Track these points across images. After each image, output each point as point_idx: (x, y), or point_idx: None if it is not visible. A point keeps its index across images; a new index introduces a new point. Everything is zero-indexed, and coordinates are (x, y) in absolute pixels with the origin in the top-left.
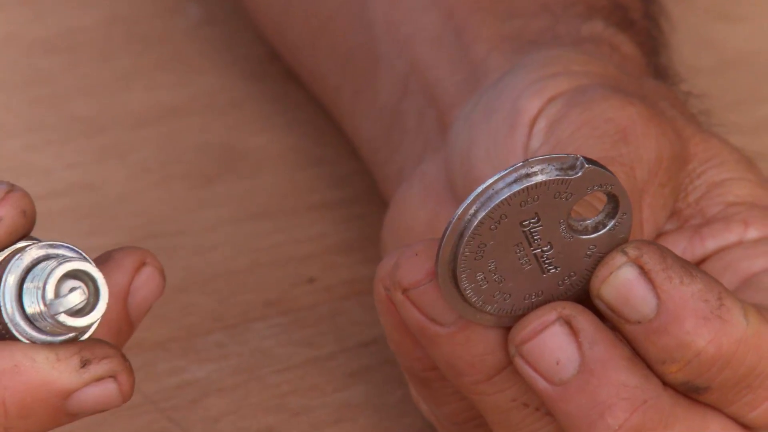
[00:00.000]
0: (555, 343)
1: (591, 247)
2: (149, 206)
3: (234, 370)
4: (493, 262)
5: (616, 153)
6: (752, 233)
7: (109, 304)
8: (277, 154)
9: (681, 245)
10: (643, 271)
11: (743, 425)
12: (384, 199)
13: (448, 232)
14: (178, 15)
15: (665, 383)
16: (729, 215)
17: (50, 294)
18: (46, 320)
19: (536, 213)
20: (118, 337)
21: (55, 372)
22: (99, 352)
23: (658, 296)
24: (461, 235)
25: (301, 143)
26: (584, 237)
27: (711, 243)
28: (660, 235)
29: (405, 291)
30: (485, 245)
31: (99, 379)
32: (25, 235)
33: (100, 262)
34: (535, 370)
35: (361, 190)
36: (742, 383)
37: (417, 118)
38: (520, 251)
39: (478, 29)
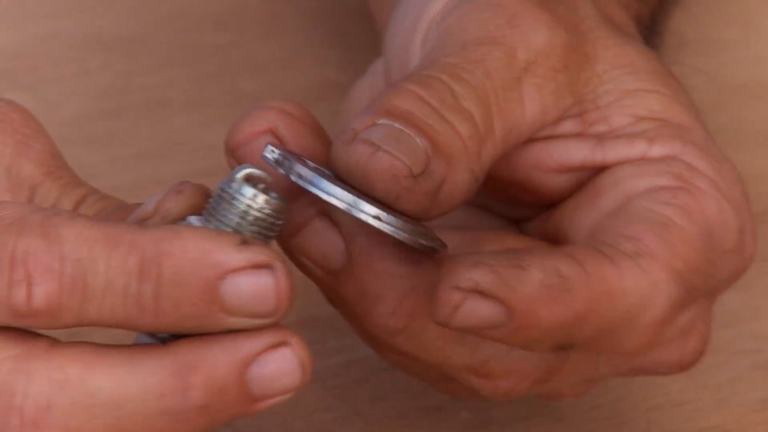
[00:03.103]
0: (318, 238)
1: None
2: None
3: None
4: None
5: (500, 34)
6: (656, 150)
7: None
8: None
9: (582, 154)
10: (484, 294)
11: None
12: None
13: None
14: None
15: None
16: (635, 131)
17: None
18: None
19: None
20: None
21: (214, 242)
22: (259, 242)
23: (507, 305)
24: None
25: None
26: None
27: (612, 155)
28: (561, 121)
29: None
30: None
31: (256, 264)
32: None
33: None
34: (309, 259)
35: None
36: (604, 331)
37: None
38: None
39: None
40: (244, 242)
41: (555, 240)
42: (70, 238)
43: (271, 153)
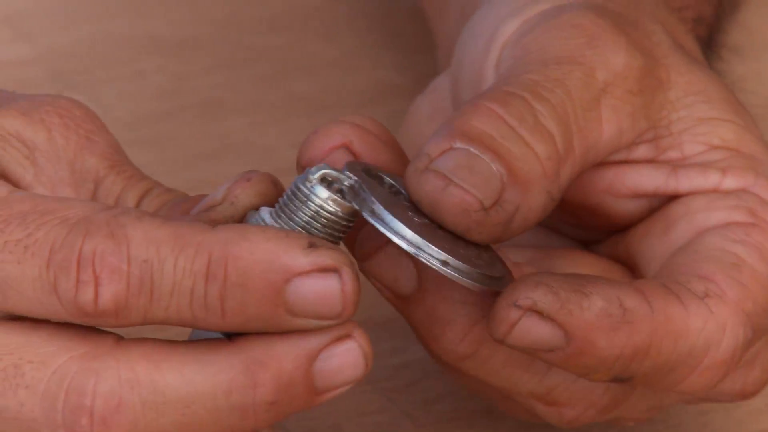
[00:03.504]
0: (390, 263)
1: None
2: None
3: None
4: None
5: (579, 54)
6: (729, 182)
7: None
8: None
9: (656, 182)
10: (542, 315)
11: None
12: None
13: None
14: None
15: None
16: (709, 160)
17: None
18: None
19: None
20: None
21: (281, 244)
22: (327, 245)
23: (564, 329)
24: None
25: None
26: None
27: (686, 185)
28: (635, 146)
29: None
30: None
31: (322, 268)
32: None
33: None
34: (380, 283)
35: None
36: (664, 368)
37: None
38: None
39: None
40: (312, 245)
41: (624, 264)
42: (137, 238)
43: (348, 179)
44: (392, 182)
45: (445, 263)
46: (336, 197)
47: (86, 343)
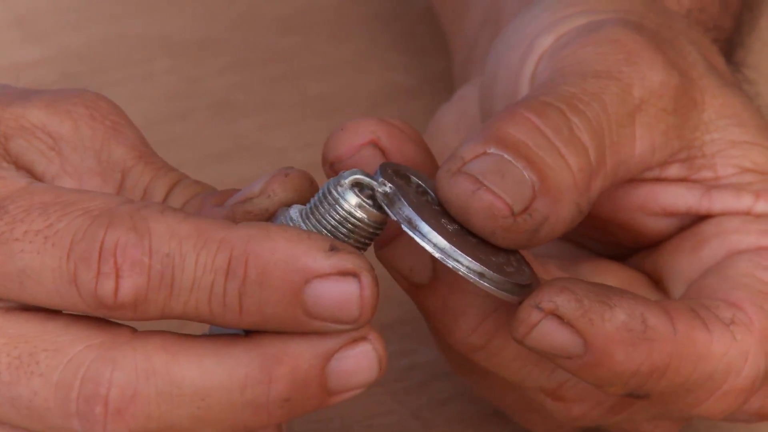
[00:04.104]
0: (406, 252)
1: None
2: None
3: None
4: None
5: (616, 70)
6: (761, 206)
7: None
8: None
9: (689, 201)
10: (563, 320)
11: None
12: None
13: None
14: None
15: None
16: (741, 183)
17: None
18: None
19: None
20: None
21: (302, 245)
22: (349, 249)
23: (583, 338)
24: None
25: None
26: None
27: (719, 205)
28: (668, 165)
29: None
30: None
31: (342, 272)
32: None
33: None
34: (395, 271)
35: None
36: (681, 389)
37: (487, 48)
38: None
39: None
40: (333, 248)
41: (650, 278)
42: (159, 231)
43: (382, 186)
44: (419, 182)
45: (481, 275)
46: (365, 204)
47: (103, 333)
